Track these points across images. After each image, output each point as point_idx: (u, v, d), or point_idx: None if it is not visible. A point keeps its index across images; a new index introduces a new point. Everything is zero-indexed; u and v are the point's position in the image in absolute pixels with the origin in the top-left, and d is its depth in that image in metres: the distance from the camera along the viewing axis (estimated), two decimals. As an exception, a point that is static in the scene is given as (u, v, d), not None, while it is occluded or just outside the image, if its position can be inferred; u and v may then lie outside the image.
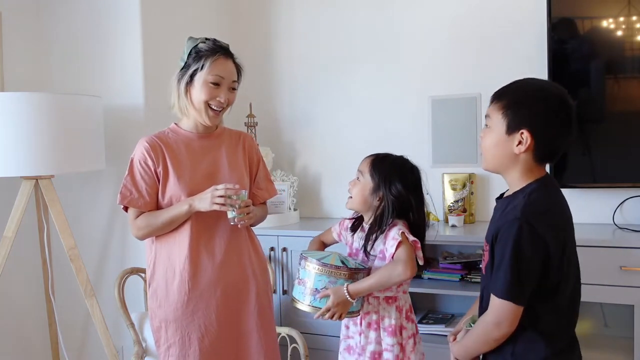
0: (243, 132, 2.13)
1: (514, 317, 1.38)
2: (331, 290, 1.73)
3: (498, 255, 1.40)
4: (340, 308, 1.73)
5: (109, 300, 2.64)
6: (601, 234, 2.46)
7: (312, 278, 1.74)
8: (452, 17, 2.99)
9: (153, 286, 1.95)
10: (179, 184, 1.89)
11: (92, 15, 2.81)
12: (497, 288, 1.38)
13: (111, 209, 2.83)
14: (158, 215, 1.89)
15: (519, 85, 1.48)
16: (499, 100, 1.45)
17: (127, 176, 1.91)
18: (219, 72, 1.89)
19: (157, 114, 2.77)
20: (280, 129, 3.39)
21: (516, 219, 1.36)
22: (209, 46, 1.90)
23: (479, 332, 1.46)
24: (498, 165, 1.48)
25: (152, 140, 1.92)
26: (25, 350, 2.82)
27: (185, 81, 1.91)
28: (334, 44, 3.24)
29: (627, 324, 2.38)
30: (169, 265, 1.91)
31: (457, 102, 2.98)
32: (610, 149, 2.61)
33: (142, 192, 1.89)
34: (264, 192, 2.10)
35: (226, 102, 1.92)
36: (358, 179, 1.87)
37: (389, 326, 1.82)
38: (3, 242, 2.39)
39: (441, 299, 2.96)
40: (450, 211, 2.91)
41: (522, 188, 1.44)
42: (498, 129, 1.43)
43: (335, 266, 1.72)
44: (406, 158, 1.90)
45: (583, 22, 2.65)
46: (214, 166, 1.95)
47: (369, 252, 1.83)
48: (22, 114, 2.27)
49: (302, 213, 3.29)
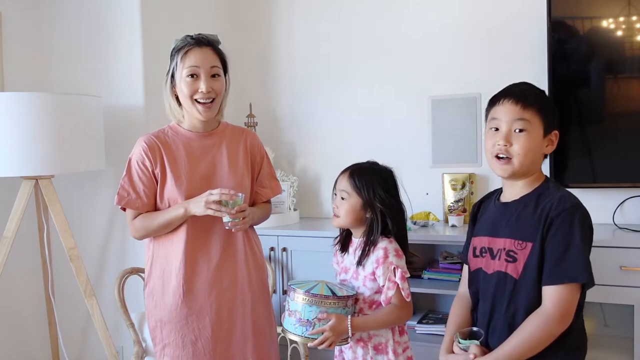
0: (247, 129, 2.09)
1: (576, 303, 1.40)
2: (335, 316, 1.70)
3: (560, 243, 1.40)
4: (335, 336, 1.70)
5: (109, 300, 2.63)
6: (601, 234, 2.46)
7: (302, 309, 1.72)
8: (452, 17, 2.99)
9: (150, 286, 1.94)
10: (176, 185, 1.87)
11: (92, 15, 2.81)
12: (572, 273, 1.38)
13: (111, 209, 2.83)
14: (154, 218, 1.88)
15: (533, 88, 1.54)
16: (529, 103, 1.46)
17: (125, 177, 1.90)
18: (192, 62, 1.84)
19: (157, 114, 2.76)
20: (280, 129, 3.39)
21: (575, 206, 1.43)
22: (182, 41, 1.87)
23: (535, 334, 1.38)
24: (531, 168, 1.50)
25: (150, 140, 1.90)
26: (25, 350, 2.82)
27: (168, 83, 1.89)
28: (334, 44, 3.24)
29: (627, 324, 2.38)
30: (166, 266, 1.90)
31: (457, 102, 2.98)
32: (610, 149, 2.61)
33: (139, 193, 1.88)
34: (267, 191, 2.06)
35: (210, 90, 1.84)
36: (343, 199, 1.81)
37: (378, 344, 1.78)
38: (3, 242, 2.39)
39: (441, 299, 2.96)
40: (450, 211, 2.92)
41: (542, 186, 1.50)
42: (536, 132, 1.47)
43: (324, 296, 1.70)
44: (375, 161, 1.86)
45: (583, 22, 2.65)
46: (212, 167, 1.93)
47: (364, 264, 1.79)
48: (22, 114, 2.27)
49: (302, 213, 3.29)
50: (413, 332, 2.70)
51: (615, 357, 2.42)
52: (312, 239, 2.86)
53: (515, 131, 1.46)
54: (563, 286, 1.38)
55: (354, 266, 1.81)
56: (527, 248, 1.44)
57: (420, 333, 2.74)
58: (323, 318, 1.70)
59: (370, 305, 1.78)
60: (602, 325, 2.62)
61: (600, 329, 2.61)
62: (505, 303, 1.47)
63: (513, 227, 1.49)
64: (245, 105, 3.26)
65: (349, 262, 1.85)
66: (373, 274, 1.76)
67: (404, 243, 1.82)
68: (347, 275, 1.84)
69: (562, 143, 2.63)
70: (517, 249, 1.46)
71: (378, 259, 1.75)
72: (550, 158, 2.62)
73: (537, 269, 1.42)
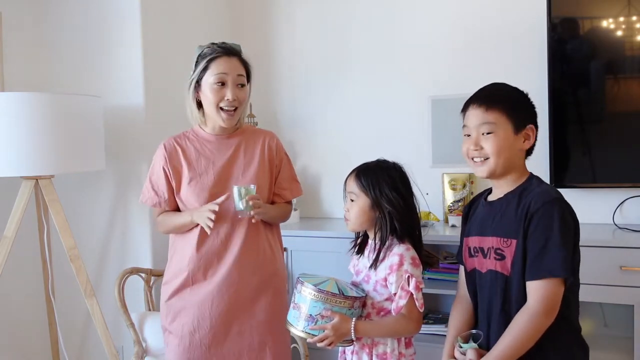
0: (267, 132, 2.13)
1: (560, 297, 1.40)
2: (338, 315, 1.65)
3: (539, 238, 1.41)
4: (336, 336, 1.65)
5: (109, 300, 2.63)
6: (601, 234, 2.46)
7: (307, 303, 1.67)
8: (452, 17, 2.99)
9: (167, 277, 2.03)
10: (190, 186, 1.96)
11: (92, 15, 2.81)
12: (550, 267, 1.38)
13: (111, 209, 2.83)
14: (170, 219, 2.01)
15: (500, 87, 1.60)
16: (493, 105, 1.51)
17: (147, 176, 2.05)
18: (220, 70, 1.91)
19: (157, 114, 2.78)
20: (280, 129, 3.39)
21: (552, 200, 1.43)
22: (210, 49, 1.93)
23: (524, 331, 1.40)
24: (508, 166, 1.52)
25: (169, 143, 2.01)
26: (25, 350, 2.82)
27: (192, 88, 1.95)
28: (334, 44, 3.24)
29: (627, 324, 2.38)
30: (181, 260, 1.99)
31: (457, 102, 2.93)
32: (610, 149, 2.61)
33: (157, 193, 2.01)
34: (286, 192, 2.11)
35: (235, 99, 1.92)
36: (352, 201, 1.77)
37: (383, 353, 1.73)
38: (3, 242, 2.39)
39: (441, 299, 2.96)
40: (450, 211, 2.92)
41: (525, 182, 1.52)
42: (505, 131, 1.50)
43: (332, 293, 1.66)
44: (383, 160, 1.81)
45: (583, 22, 2.65)
46: (227, 169, 1.98)
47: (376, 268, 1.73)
48: (22, 114, 2.27)
49: (302, 213, 3.29)
50: (413, 332, 2.70)
51: (615, 357, 2.42)
52: (312, 239, 2.86)
53: (483, 134, 1.51)
54: (545, 281, 1.39)
55: (367, 269, 1.76)
56: (512, 245, 1.46)
57: (421, 333, 2.69)
58: (326, 316, 1.65)
59: (378, 311, 1.73)
60: (602, 325, 2.61)
61: (600, 329, 2.61)
62: (500, 301, 1.48)
63: (498, 225, 1.51)
64: (245, 105, 3.27)
65: (362, 264, 1.80)
66: (385, 279, 1.70)
67: (419, 244, 1.76)
68: (359, 278, 1.79)
69: (562, 143, 2.67)
70: (503, 247, 1.48)
71: (392, 265, 1.69)
72: (550, 158, 2.62)
73: (522, 265, 1.44)
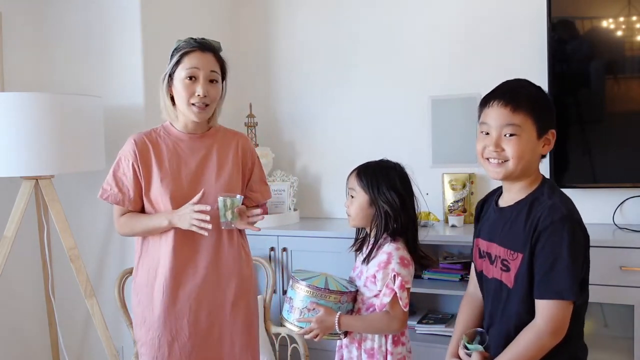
0: (239, 133, 2.07)
1: (568, 318, 1.36)
2: (324, 309, 1.71)
3: (547, 257, 1.35)
4: (321, 329, 1.71)
5: (109, 300, 2.63)
6: (601, 234, 2.46)
7: (296, 297, 1.76)
8: (452, 17, 2.99)
9: (136, 281, 1.94)
10: (162, 186, 1.87)
11: (92, 15, 2.81)
12: (557, 290, 1.34)
13: (111, 209, 2.81)
14: (139, 221, 1.89)
15: (524, 85, 1.48)
16: (520, 106, 1.40)
17: (111, 171, 1.92)
18: (192, 64, 1.84)
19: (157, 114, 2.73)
20: (280, 129, 3.39)
21: (564, 218, 1.35)
22: (187, 42, 1.88)
23: (529, 348, 1.37)
24: (527, 169, 1.44)
25: (140, 138, 1.91)
26: (25, 350, 2.82)
27: (165, 81, 1.89)
28: (334, 44, 3.24)
29: (627, 324, 2.38)
30: (152, 265, 1.90)
31: (457, 102, 2.98)
32: (610, 149, 2.61)
33: (122, 190, 1.90)
34: (257, 195, 2.06)
35: (206, 95, 1.84)
36: (352, 197, 1.81)
37: (370, 349, 1.76)
38: (3, 242, 2.39)
39: (441, 299, 2.96)
40: (450, 211, 2.92)
41: (537, 190, 1.45)
42: (529, 135, 1.41)
43: (318, 287, 1.72)
44: (386, 159, 1.84)
45: (583, 22, 2.65)
46: (200, 168, 1.92)
47: (368, 264, 1.78)
48: (22, 114, 2.27)
49: (302, 213, 3.29)
50: (413, 332, 2.70)
51: (615, 357, 2.42)
52: (312, 239, 2.86)
53: (505, 136, 1.41)
54: (554, 301, 1.35)
55: (361, 264, 1.81)
56: (517, 259, 1.42)
57: (420, 333, 2.74)
58: (312, 309, 1.72)
59: (367, 307, 1.76)
60: (602, 326, 2.61)
61: (600, 329, 2.61)
62: (500, 311, 1.47)
63: (506, 236, 1.46)
64: (245, 105, 3.26)
65: (359, 260, 1.85)
66: (374, 276, 1.74)
67: (414, 244, 1.78)
68: (354, 273, 1.85)
69: (562, 143, 2.67)
70: (509, 259, 1.44)
71: (380, 263, 1.73)
72: (550, 158, 2.62)
73: (527, 280, 1.40)
